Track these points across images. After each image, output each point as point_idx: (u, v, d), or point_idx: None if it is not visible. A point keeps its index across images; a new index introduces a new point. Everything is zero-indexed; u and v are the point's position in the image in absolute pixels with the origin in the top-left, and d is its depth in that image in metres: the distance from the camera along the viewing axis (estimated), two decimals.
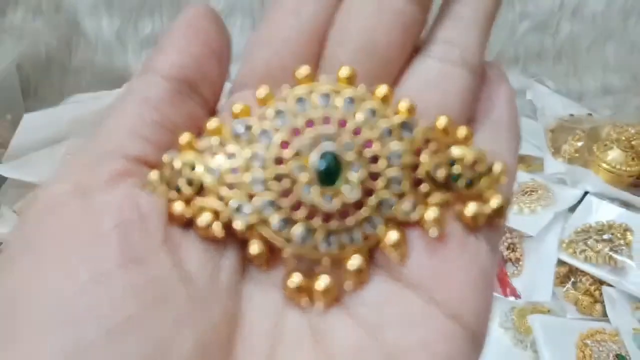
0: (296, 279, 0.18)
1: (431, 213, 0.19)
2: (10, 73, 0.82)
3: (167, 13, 0.89)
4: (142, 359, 0.16)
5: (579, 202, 0.75)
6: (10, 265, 0.17)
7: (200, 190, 0.19)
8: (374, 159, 0.19)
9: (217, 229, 0.18)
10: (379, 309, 0.19)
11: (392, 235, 0.19)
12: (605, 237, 0.69)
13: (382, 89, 0.20)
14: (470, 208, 0.19)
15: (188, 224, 0.19)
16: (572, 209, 0.74)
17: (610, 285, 0.67)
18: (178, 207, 0.18)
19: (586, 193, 0.75)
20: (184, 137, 0.19)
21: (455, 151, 0.19)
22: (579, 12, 0.85)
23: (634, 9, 0.83)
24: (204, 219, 0.18)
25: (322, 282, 0.18)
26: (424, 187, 0.19)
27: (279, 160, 0.19)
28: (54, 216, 0.18)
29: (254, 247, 0.19)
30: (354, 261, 0.18)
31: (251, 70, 0.21)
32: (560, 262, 0.69)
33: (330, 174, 0.18)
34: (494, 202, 0.19)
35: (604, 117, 0.87)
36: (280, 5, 0.21)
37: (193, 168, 0.19)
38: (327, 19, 0.21)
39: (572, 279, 0.69)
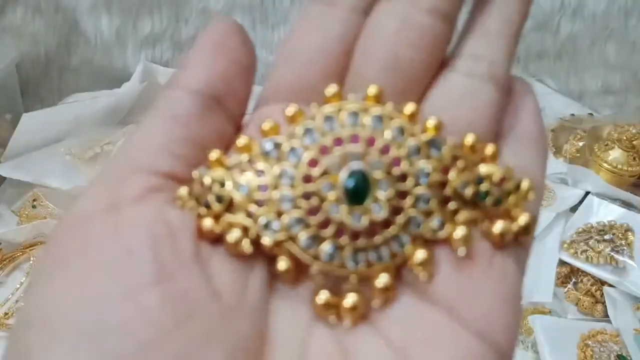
0: (324, 295, 0.19)
1: (459, 231, 0.19)
2: (9, 72, 0.82)
3: (166, 12, 0.89)
4: None
5: (580, 202, 0.75)
6: (44, 280, 0.17)
7: (229, 206, 0.19)
8: (402, 177, 0.19)
9: (246, 245, 0.18)
10: (406, 327, 0.19)
11: (420, 254, 0.19)
12: (606, 237, 0.69)
13: (409, 107, 0.20)
14: (498, 226, 0.19)
15: (217, 239, 0.19)
16: (574, 209, 0.75)
17: (612, 286, 0.67)
18: (207, 223, 0.19)
19: (587, 193, 0.76)
20: (214, 154, 0.19)
21: (483, 169, 0.20)
22: (579, 12, 0.85)
23: (635, 9, 0.83)
24: (233, 235, 0.18)
25: (350, 299, 0.19)
26: (451, 205, 0.19)
27: (307, 178, 0.19)
28: (86, 232, 0.18)
29: (282, 264, 0.19)
30: (382, 279, 0.19)
31: (277, 86, 0.21)
32: (562, 263, 0.70)
33: (358, 193, 0.18)
34: (522, 219, 0.19)
35: (605, 117, 0.87)
36: (306, 20, 0.22)
37: (223, 185, 0.19)
38: (352, 35, 0.21)
39: (573, 279, 0.70)
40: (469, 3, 0.23)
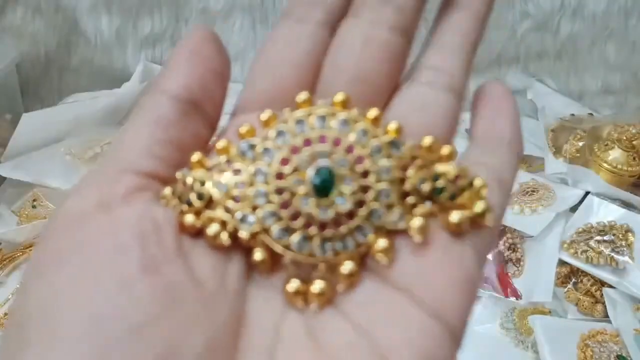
0: (294, 283, 0.21)
1: (416, 222, 0.22)
2: (9, 72, 0.85)
3: (166, 12, 0.91)
4: (160, 353, 0.19)
5: (580, 202, 0.77)
6: (42, 274, 0.20)
7: (209, 203, 0.22)
8: (365, 174, 0.22)
9: (224, 237, 0.21)
10: (367, 309, 0.21)
11: (381, 243, 0.22)
12: (606, 238, 0.71)
13: (372, 112, 0.23)
14: (454, 216, 0.22)
15: (198, 233, 0.22)
16: (573, 209, 0.77)
17: (611, 286, 0.69)
18: (189, 218, 0.21)
19: (587, 193, 0.78)
20: (195, 156, 0.22)
21: (439, 167, 0.22)
22: (579, 12, 0.87)
23: (635, 9, 0.85)
24: (212, 229, 0.21)
25: (317, 285, 0.21)
26: (410, 199, 0.22)
27: (279, 176, 0.22)
28: (79, 229, 0.20)
29: (258, 254, 0.22)
30: (346, 266, 0.21)
31: (252, 96, 0.25)
32: (562, 263, 0.72)
33: (325, 187, 0.21)
34: (478, 207, 0.22)
35: (605, 117, 0.89)
36: (278, 35, 0.25)
37: (203, 183, 0.22)
38: (320, 49, 0.25)
39: (573, 280, 0.72)
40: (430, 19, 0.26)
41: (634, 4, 0.84)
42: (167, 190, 0.22)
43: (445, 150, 0.23)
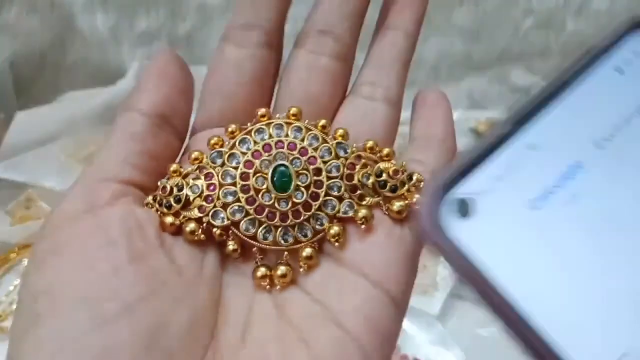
0: (261, 269, 0.27)
1: (363, 211, 0.27)
2: (3, 71, 0.86)
3: (162, 9, 0.92)
4: (151, 326, 0.24)
5: None
6: (42, 265, 0.25)
7: (186, 205, 0.27)
8: (318, 172, 0.27)
9: (200, 233, 0.26)
10: (324, 285, 0.27)
11: (334, 229, 0.27)
12: None
13: (322, 122, 0.28)
14: (396, 205, 0.27)
15: (177, 232, 0.27)
16: None
17: None
18: (169, 218, 0.26)
19: None
20: (173, 167, 0.27)
21: (381, 164, 0.28)
22: (583, 9, 0.89)
23: (638, 6, 0.86)
24: (189, 226, 0.26)
25: (280, 270, 0.27)
26: (358, 192, 0.27)
27: (244, 177, 0.27)
28: (72, 228, 0.25)
29: (230, 245, 0.27)
30: (306, 252, 0.27)
31: (208, 115, 0.30)
32: None
33: (283, 184, 0.27)
34: (395, 206, 0.27)
35: None
36: (222, 59, 0.30)
37: (180, 189, 0.27)
38: (262, 70, 0.30)
39: None
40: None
41: (637, 2, 0.86)
42: (150, 198, 0.27)
43: (385, 151, 0.28)
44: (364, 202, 0.27)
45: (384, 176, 0.27)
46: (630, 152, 0.26)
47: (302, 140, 0.27)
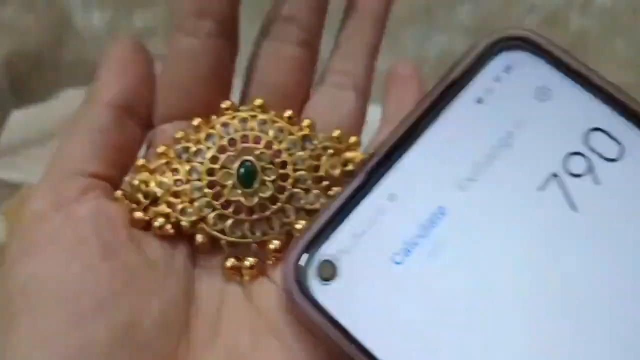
0: (230, 262, 0.27)
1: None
2: None
3: (160, 7, 0.92)
4: (125, 321, 0.24)
5: None
6: (15, 266, 0.25)
7: (154, 200, 0.27)
8: (284, 165, 0.27)
9: (169, 228, 0.27)
10: None
11: (301, 222, 0.27)
12: None
13: (287, 112, 0.28)
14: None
15: (147, 227, 0.27)
16: None
17: None
18: (138, 214, 0.27)
19: None
20: (140, 162, 0.28)
21: (348, 154, 0.28)
22: (587, 6, 0.88)
23: None
24: (158, 221, 0.27)
25: (248, 262, 0.27)
26: (324, 183, 0.28)
27: (210, 172, 0.27)
28: (43, 227, 0.26)
29: (199, 239, 0.27)
30: (274, 244, 0.27)
31: (167, 111, 0.29)
32: None
33: (248, 178, 0.27)
34: None
35: None
36: (176, 51, 0.29)
37: (148, 184, 0.27)
38: (218, 60, 0.29)
39: None
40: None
41: None
42: (119, 193, 0.27)
43: (352, 139, 0.29)
44: (330, 193, 0.27)
45: (351, 166, 0.28)
46: (495, 190, 0.25)
47: (268, 133, 0.28)
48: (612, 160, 0.25)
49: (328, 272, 0.24)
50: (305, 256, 0.25)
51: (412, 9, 0.65)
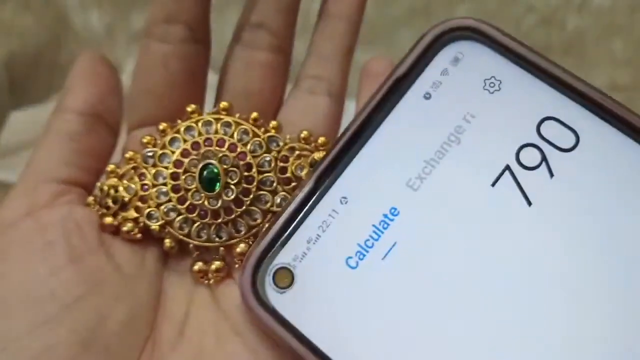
0: (197, 265, 0.27)
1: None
2: None
3: None
4: (89, 325, 0.25)
5: None
6: None
7: (122, 205, 0.27)
8: (249, 167, 0.27)
9: (136, 232, 0.27)
10: None
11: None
12: None
13: (253, 114, 0.28)
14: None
15: (117, 232, 0.27)
16: None
17: None
18: (107, 219, 0.27)
19: None
20: (110, 167, 0.28)
21: (316, 155, 0.28)
22: (585, 7, 0.88)
23: None
24: (126, 226, 0.27)
25: (214, 265, 0.27)
26: (292, 184, 0.28)
27: (175, 176, 0.27)
28: (13, 232, 0.26)
29: (167, 243, 0.27)
30: (240, 248, 0.27)
31: (140, 117, 0.30)
32: None
33: (211, 182, 0.27)
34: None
35: None
36: (148, 57, 0.29)
37: (116, 190, 0.27)
38: (189, 65, 0.29)
39: None
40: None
41: None
42: (90, 199, 0.28)
43: (320, 139, 0.29)
44: None
45: None
46: (448, 187, 0.25)
47: (232, 135, 0.28)
48: (567, 150, 0.25)
49: (284, 279, 0.24)
50: (260, 265, 0.25)
51: (411, 9, 0.64)
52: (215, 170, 0.27)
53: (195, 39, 0.29)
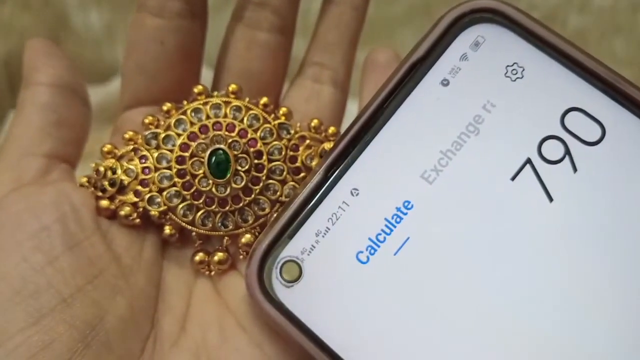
0: (199, 255, 0.26)
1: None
2: None
3: None
4: (88, 319, 0.23)
5: None
6: None
7: (121, 188, 0.26)
8: (259, 155, 0.26)
9: (135, 217, 0.26)
10: None
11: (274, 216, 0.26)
12: None
13: (263, 100, 0.28)
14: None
15: (113, 216, 0.26)
16: None
17: None
18: (104, 202, 0.26)
19: None
20: (106, 147, 0.27)
21: (326, 145, 0.27)
22: (587, 6, 0.89)
23: None
24: (124, 211, 0.26)
25: (217, 257, 0.26)
26: (302, 175, 0.27)
27: (180, 160, 0.26)
28: (1, 214, 0.25)
29: (167, 230, 0.26)
30: (245, 238, 0.26)
31: (134, 96, 0.28)
32: None
33: (220, 168, 0.26)
34: None
35: None
36: (142, 32, 0.28)
37: (114, 171, 0.26)
38: (189, 40, 0.28)
39: None
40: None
41: None
42: (84, 179, 0.27)
43: (330, 129, 0.28)
44: None
45: None
46: (465, 181, 0.24)
47: (242, 120, 0.27)
48: (592, 143, 0.24)
49: (292, 273, 0.23)
50: (267, 258, 0.24)
51: (412, 7, 0.64)
52: (225, 156, 0.26)
53: (192, 14, 0.28)
